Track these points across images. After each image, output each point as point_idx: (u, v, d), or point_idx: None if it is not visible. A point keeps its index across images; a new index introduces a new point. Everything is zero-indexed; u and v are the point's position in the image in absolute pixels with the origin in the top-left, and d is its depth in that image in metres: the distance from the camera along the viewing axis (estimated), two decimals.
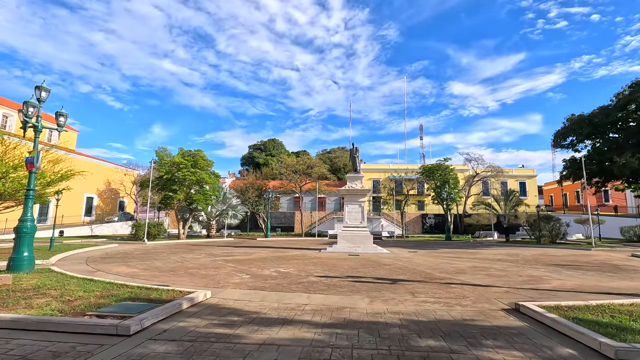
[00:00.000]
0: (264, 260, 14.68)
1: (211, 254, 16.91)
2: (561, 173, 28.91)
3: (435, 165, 37.22)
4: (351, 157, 22.01)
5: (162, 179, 28.99)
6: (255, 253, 17.96)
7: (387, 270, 12.00)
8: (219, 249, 20.58)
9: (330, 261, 14.58)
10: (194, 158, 28.67)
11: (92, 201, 47.50)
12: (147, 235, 25.97)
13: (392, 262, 14.39)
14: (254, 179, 41.20)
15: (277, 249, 20.85)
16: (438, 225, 49.74)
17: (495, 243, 29.23)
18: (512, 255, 18.69)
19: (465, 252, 20.75)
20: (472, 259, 16.15)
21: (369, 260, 15.04)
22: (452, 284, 9.23)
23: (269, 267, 12.22)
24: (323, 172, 39.60)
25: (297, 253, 18.43)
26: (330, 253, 18.52)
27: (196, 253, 17.44)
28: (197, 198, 27.86)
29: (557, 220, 27.56)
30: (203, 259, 14.82)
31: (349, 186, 20.97)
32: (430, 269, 12.32)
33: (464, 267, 12.99)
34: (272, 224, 51.11)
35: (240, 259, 14.80)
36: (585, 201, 57.94)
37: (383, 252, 18.94)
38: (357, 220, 20.59)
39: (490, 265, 13.62)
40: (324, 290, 8.16)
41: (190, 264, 12.85)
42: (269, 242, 28.07)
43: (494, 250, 21.71)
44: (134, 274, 10.41)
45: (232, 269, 11.64)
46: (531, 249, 23.70)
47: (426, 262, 14.53)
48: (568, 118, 27.27)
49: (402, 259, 15.81)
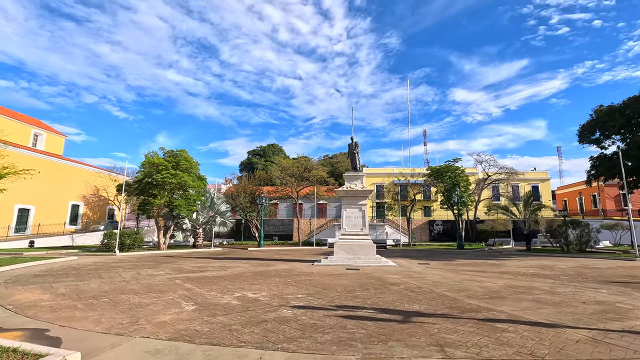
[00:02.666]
0: (236, 278, 11.53)
1: (177, 269, 13.77)
2: (588, 172, 25.58)
3: (445, 166, 33.93)
4: (350, 153, 18.84)
5: (142, 183, 26.02)
6: (232, 267, 14.80)
7: (395, 293, 8.80)
8: (194, 262, 17.44)
9: (321, 279, 11.40)
10: (176, 159, 25.67)
11: (77, 209, 44.62)
12: (121, 246, 22.90)
13: (400, 280, 11.18)
14: (246, 183, 37.99)
15: (263, 262, 17.68)
16: (447, 232, 46.24)
17: (516, 252, 25.80)
18: (545, 267, 15.37)
19: (486, 263, 17.44)
20: (501, 274, 12.89)
21: (371, 277, 11.84)
22: (497, 322, 6.02)
23: (235, 291, 9.07)
24: (322, 176, 36.37)
25: (285, 267, 15.24)
26: (325, 266, 15.32)
27: (160, 268, 14.32)
28: (179, 203, 24.77)
29: (586, 226, 24.14)
30: (160, 277, 11.69)
31: (348, 186, 17.82)
32: (454, 291, 9.10)
33: (497, 287, 9.76)
34: (270, 232, 47.87)
35: (207, 277, 11.66)
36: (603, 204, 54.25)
37: (388, 265, 15.71)
38: (357, 226, 17.38)
39: (530, 284, 10.37)
40: (293, 339, 5.00)
41: (135, 286, 9.74)
42: (259, 253, 24.89)
43: (520, 262, 18.37)
44: (32, 303, 7.31)
45: (183, 294, 8.50)
46: (562, 259, 20.30)
47: (445, 280, 11.30)
48: (596, 110, 24.06)
49: (413, 275, 12.59)
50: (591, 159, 25.39)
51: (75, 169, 42.59)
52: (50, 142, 45.33)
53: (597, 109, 24.02)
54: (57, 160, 40.56)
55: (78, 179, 42.23)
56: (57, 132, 47.95)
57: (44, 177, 35.83)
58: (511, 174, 38.75)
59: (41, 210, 37.69)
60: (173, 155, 26.81)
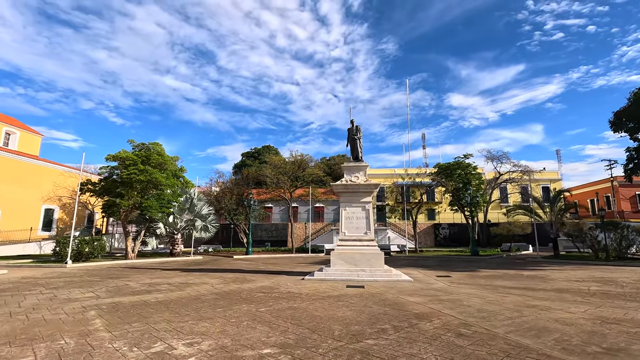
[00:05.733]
0: (186, 306, 7.86)
1: (117, 290, 10.08)
2: (625, 166, 22.11)
3: (454, 163, 30.41)
4: (349, 138, 15.23)
5: (108, 181, 22.37)
6: (195, 285, 11.12)
7: (433, 341, 5.13)
8: (153, 276, 13.73)
9: (310, 307, 7.75)
10: (147, 153, 22.01)
11: (52, 213, 40.71)
12: (78, 256, 19.19)
13: (429, 308, 7.54)
14: (233, 183, 34.16)
15: (241, 276, 14.01)
16: (454, 237, 42.61)
17: (542, 259, 22.21)
18: (605, 281, 11.78)
19: (520, 275, 13.81)
20: (561, 295, 9.26)
21: (383, 303, 8.21)
22: None
23: (161, 338, 5.39)
24: (318, 174, 32.78)
25: (266, 283, 11.56)
26: (318, 282, 11.67)
27: (97, 287, 10.62)
28: (149, 205, 21.07)
29: (626, 228, 20.63)
30: (73, 305, 8.01)
31: (347, 180, 14.21)
32: (526, 333, 5.44)
33: (585, 322, 6.14)
34: (262, 238, 44.05)
35: (146, 303, 7.99)
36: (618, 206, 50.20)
37: (401, 280, 12.09)
38: (360, 229, 13.74)
39: (628, 314, 6.77)
40: None
41: (8, 326, 6.08)
42: (243, 263, 21.19)
43: (563, 273, 14.76)
44: None
45: (61, 348, 4.85)
46: (609, 268, 16.68)
47: (491, 306, 7.67)
48: (635, 93, 20.67)
49: (441, 296, 8.95)
50: (628, 151, 21.95)
51: (50, 170, 38.81)
52: (25, 142, 41.56)
53: (637, 91, 20.63)
54: (29, 160, 36.76)
55: (53, 181, 38.51)
56: (32, 130, 44.13)
57: (12, 178, 32.30)
58: (527, 172, 35.20)
59: (8, 215, 33.82)
60: (145, 148, 23.18)
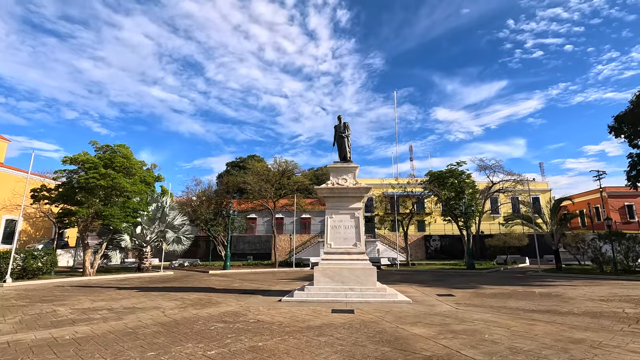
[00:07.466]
0: (109, 345, 5.60)
1: (26, 321, 7.70)
2: (628, 173, 20.89)
3: (447, 171, 28.89)
4: (336, 136, 13.34)
5: (65, 187, 19.85)
6: (142, 311, 8.83)
7: None
8: (100, 297, 11.33)
9: (280, 346, 5.63)
10: (111, 156, 19.63)
11: (14, 224, 37.27)
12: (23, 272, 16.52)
13: (440, 347, 5.52)
14: (212, 192, 31.75)
15: (206, 296, 11.74)
16: (445, 249, 40.94)
17: (545, 273, 20.54)
18: (637, 302, 10.03)
19: (531, 292, 11.97)
20: (594, 317, 7.38)
21: (381, 337, 6.14)
22: None
23: None
24: (303, 182, 30.80)
25: (232, 308, 9.35)
26: (298, 306, 9.54)
27: (11, 314, 8.22)
28: (110, 213, 18.58)
29: (633, 239, 19.22)
30: None
31: (334, 182, 12.24)
32: None
33: None
34: (244, 251, 41.43)
35: (53, 341, 5.70)
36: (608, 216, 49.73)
37: (399, 302, 10.07)
38: (349, 240, 11.71)
39: None
40: None
41: None
42: (217, 279, 18.82)
43: (577, 290, 13.00)
44: None
45: None
46: (622, 283, 15.00)
47: (519, 342, 5.70)
48: (638, 96, 19.59)
49: (453, 325, 6.94)
50: (630, 157, 20.78)
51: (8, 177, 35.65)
52: None
53: (639, 94, 19.56)
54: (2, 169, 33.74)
55: (17, 190, 35.41)
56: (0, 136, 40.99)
57: None
58: (521, 182, 33.99)
59: None
60: (110, 150, 20.80)
